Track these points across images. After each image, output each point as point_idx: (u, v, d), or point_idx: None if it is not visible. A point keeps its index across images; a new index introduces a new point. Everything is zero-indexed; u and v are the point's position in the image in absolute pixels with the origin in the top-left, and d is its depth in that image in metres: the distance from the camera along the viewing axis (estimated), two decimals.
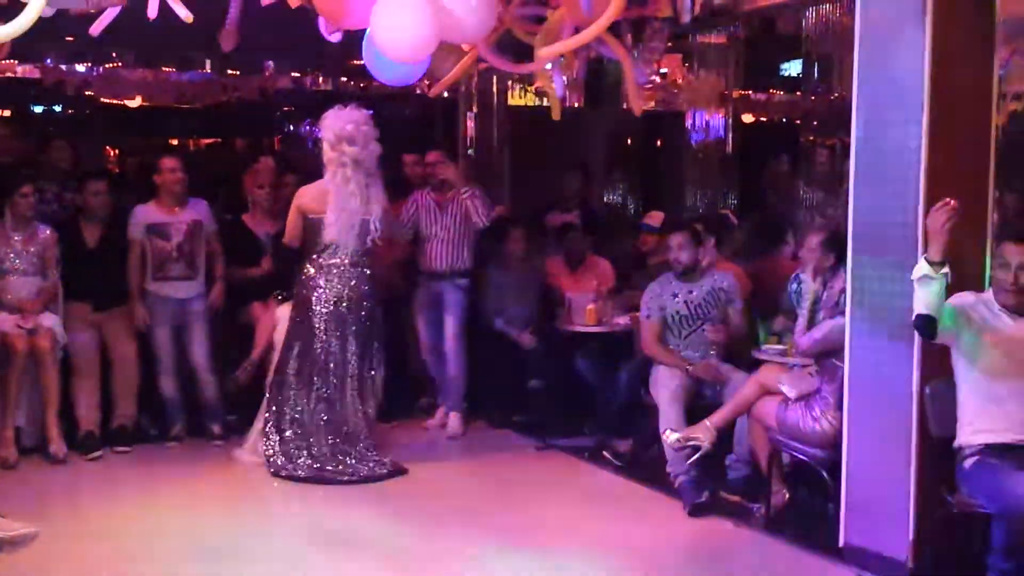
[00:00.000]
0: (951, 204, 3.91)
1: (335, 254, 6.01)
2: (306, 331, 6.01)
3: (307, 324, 6.01)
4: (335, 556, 4.79)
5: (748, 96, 9.87)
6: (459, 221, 6.89)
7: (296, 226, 6.13)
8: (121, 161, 10.09)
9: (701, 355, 5.81)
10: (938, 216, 3.93)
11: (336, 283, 6.00)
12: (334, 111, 6.02)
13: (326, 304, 5.99)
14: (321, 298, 6.00)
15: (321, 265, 6.03)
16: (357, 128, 5.97)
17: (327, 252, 6.01)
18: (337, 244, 5.98)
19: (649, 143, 9.86)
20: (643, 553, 4.80)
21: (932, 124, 4.21)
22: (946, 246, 3.92)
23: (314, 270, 6.04)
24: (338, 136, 5.94)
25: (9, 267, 6.16)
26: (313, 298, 6.00)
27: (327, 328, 5.99)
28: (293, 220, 6.14)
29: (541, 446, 6.60)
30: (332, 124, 5.97)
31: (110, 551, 4.75)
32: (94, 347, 6.42)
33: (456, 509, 5.46)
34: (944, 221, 3.91)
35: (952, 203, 3.91)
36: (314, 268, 6.04)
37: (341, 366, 6.01)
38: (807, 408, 4.93)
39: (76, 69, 8.29)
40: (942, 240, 3.93)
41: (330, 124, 5.97)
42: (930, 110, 4.21)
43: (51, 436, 6.10)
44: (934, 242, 3.95)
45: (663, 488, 5.56)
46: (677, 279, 5.89)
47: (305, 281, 6.06)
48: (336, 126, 5.95)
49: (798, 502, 5.21)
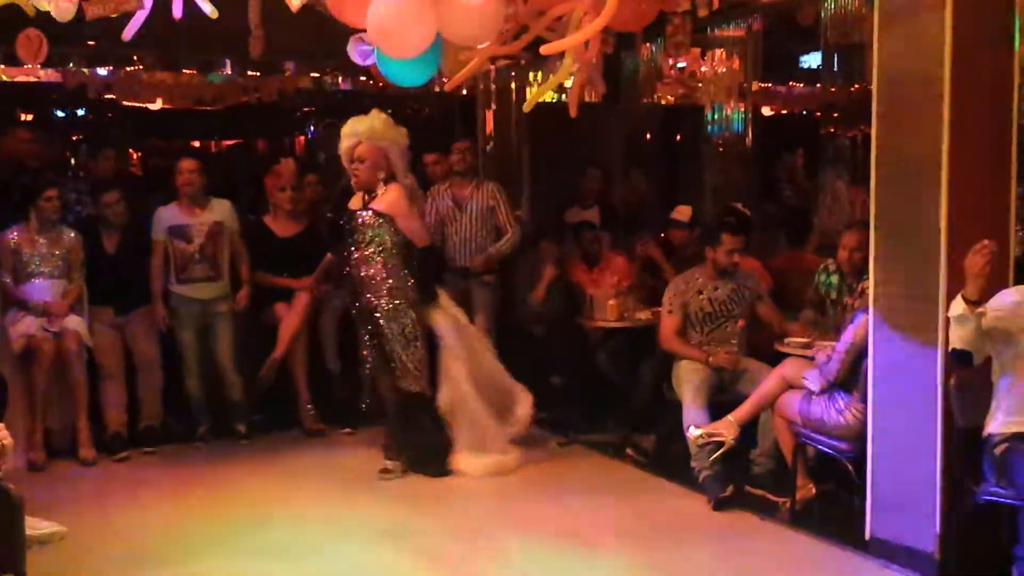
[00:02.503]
0: (989, 246, 3.88)
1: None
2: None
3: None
4: (365, 553, 4.81)
5: (767, 88, 9.82)
6: (479, 217, 6.90)
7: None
8: (143, 164, 10.15)
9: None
10: (977, 259, 3.88)
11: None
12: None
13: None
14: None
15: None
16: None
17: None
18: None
19: (668, 138, 9.83)
20: (669, 548, 4.81)
21: (953, 116, 4.19)
22: (984, 287, 3.89)
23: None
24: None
25: (34, 270, 6.22)
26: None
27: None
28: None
29: (564, 441, 6.61)
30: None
31: (137, 550, 4.80)
32: (118, 350, 6.48)
33: (483, 504, 5.48)
34: (983, 264, 3.87)
35: (990, 245, 3.88)
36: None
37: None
38: (831, 401, 4.92)
39: (98, 73, 8.34)
40: (981, 282, 3.89)
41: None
42: (951, 101, 4.19)
43: (80, 438, 6.17)
44: (972, 283, 3.90)
45: (687, 483, 5.56)
46: (706, 276, 5.87)
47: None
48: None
49: (823, 496, 5.19)
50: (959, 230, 4.19)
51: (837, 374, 4.89)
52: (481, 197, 6.94)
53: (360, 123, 5.96)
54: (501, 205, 6.95)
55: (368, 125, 5.93)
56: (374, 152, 5.86)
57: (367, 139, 5.87)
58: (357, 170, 5.87)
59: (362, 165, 5.86)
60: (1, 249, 6.21)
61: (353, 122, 6.00)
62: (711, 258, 5.82)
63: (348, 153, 5.94)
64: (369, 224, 5.84)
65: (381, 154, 5.87)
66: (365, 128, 5.92)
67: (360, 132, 5.91)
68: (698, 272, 5.93)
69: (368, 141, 5.87)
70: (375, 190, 5.88)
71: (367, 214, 5.85)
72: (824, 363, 4.98)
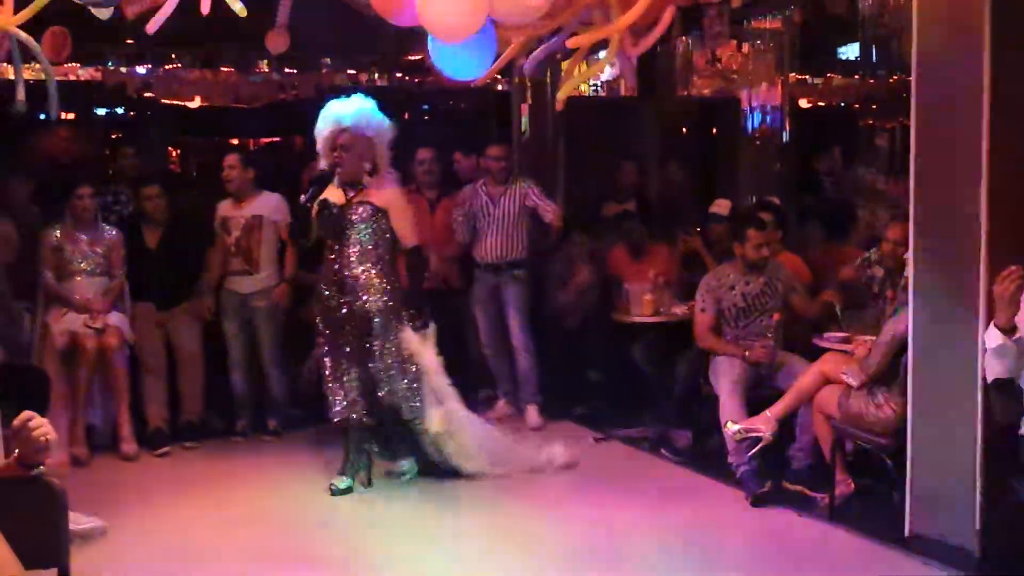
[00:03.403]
0: (1017, 271, 3.79)
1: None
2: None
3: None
4: (402, 551, 4.82)
5: (804, 80, 9.75)
6: (513, 212, 6.90)
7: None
8: (183, 161, 10.26)
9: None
10: (1007, 285, 3.80)
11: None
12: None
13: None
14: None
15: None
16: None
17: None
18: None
19: (704, 131, 9.78)
20: (706, 543, 4.80)
21: (993, 108, 4.14)
22: (1015, 313, 3.82)
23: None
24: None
25: (76, 268, 6.30)
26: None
27: None
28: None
29: (601, 437, 6.60)
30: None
31: (178, 545, 4.86)
32: (160, 345, 6.55)
33: (523, 501, 5.47)
34: (1014, 291, 3.79)
35: (1018, 270, 3.78)
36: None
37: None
38: (870, 396, 4.88)
39: (137, 71, 8.43)
40: (1012, 309, 3.82)
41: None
42: (991, 94, 4.13)
43: (122, 434, 6.24)
44: (1004, 311, 3.83)
45: (725, 478, 5.53)
46: (737, 271, 5.85)
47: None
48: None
49: (862, 491, 5.16)
50: (1000, 223, 4.14)
51: (876, 368, 4.85)
52: (515, 193, 6.93)
53: (346, 107, 5.50)
54: (536, 196, 6.92)
55: (356, 111, 5.47)
56: (361, 141, 5.44)
57: (355, 126, 5.44)
58: (340, 159, 5.43)
59: (346, 154, 5.42)
60: (43, 247, 6.29)
61: (337, 106, 5.52)
62: (739, 254, 5.80)
63: (330, 140, 5.47)
64: (365, 220, 5.43)
65: (368, 144, 5.47)
66: (352, 114, 5.47)
67: (347, 117, 5.46)
68: (729, 268, 5.90)
69: (356, 128, 5.44)
70: (359, 182, 5.48)
71: (363, 208, 5.44)
72: (863, 357, 4.94)
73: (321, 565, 4.67)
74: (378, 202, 5.44)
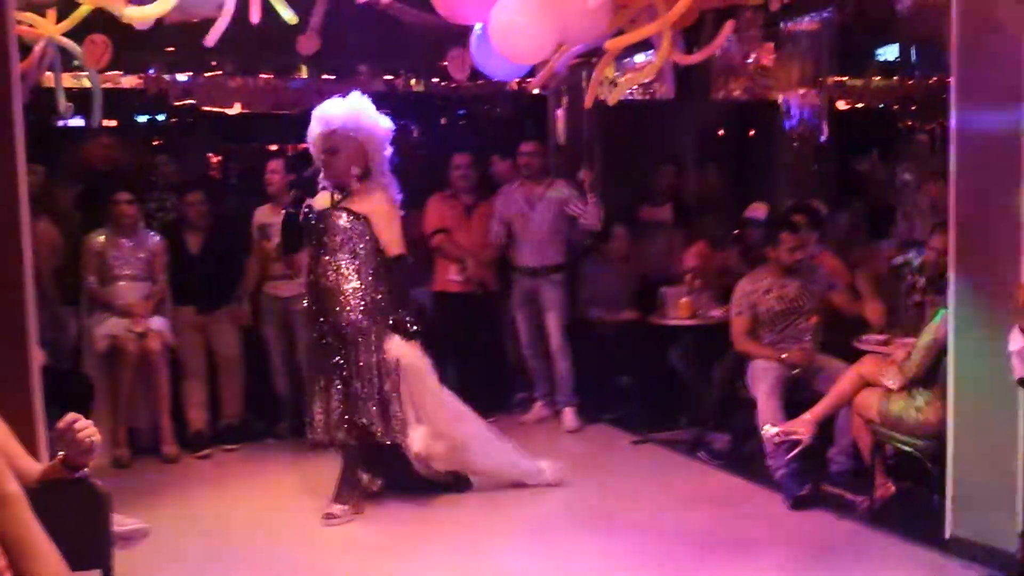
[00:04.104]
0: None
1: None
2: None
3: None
4: (446, 552, 4.85)
5: (843, 82, 9.67)
6: (551, 216, 6.91)
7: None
8: (223, 167, 10.35)
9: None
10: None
11: None
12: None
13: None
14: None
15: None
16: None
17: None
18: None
19: (742, 133, 9.73)
20: (746, 546, 4.78)
21: None
22: None
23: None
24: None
25: (119, 272, 6.40)
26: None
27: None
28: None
29: (638, 440, 6.59)
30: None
31: (219, 546, 4.92)
32: (201, 349, 6.63)
33: (564, 504, 5.47)
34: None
35: None
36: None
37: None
38: (910, 398, 4.84)
39: (178, 79, 8.52)
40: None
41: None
42: None
43: (163, 436, 6.33)
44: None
45: (763, 482, 5.51)
46: (772, 274, 5.82)
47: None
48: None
49: (902, 494, 5.11)
50: None
51: (916, 371, 4.81)
52: (553, 199, 6.94)
53: (337, 107, 5.17)
54: (572, 197, 6.91)
55: (346, 110, 5.14)
56: (351, 143, 5.12)
57: (344, 127, 5.12)
58: (328, 162, 5.15)
59: (335, 157, 5.12)
60: (87, 252, 6.39)
61: (329, 105, 5.21)
62: (773, 257, 5.77)
63: (320, 141, 5.19)
64: (344, 227, 5.10)
65: (358, 146, 5.14)
66: (342, 114, 5.14)
67: (336, 118, 5.14)
68: (764, 271, 5.88)
69: (344, 129, 5.11)
70: (347, 187, 5.17)
71: (344, 216, 5.11)
72: (903, 360, 4.91)
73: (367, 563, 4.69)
74: (358, 209, 5.10)
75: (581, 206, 6.83)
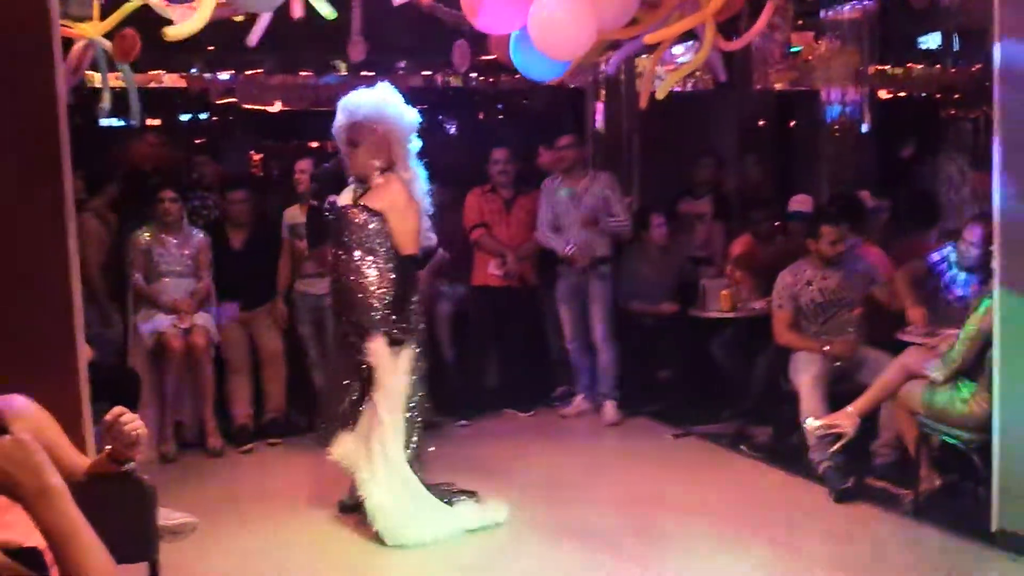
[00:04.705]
0: None
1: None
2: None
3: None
4: (492, 550, 4.84)
5: (885, 71, 9.56)
6: (594, 209, 6.91)
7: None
8: (265, 165, 10.45)
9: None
10: None
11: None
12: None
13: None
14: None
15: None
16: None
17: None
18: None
19: (783, 124, 9.65)
20: (789, 540, 4.76)
21: None
22: None
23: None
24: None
25: (165, 270, 6.48)
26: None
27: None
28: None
29: (679, 434, 6.57)
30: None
31: (264, 540, 4.97)
32: (244, 345, 6.69)
33: (609, 497, 5.46)
34: None
35: None
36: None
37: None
38: (955, 390, 4.79)
39: (219, 77, 8.60)
40: None
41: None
42: None
43: (208, 430, 6.41)
44: None
45: (806, 474, 5.48)
46: (814, 266, 5.78)
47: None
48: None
49: (948, 487, 5.07)
50: None
51: (961, 363, 4.75)
52: (595, 189, 6.94)
53: (360, 99, 4.98)
54: (614, 196, 6.94)
55: (370, 102, 4.96)
56: (373, 135, 4.93)
57: (366, 119, 4.93)
58: (351, 154, 5.00)
59: (356, 149, 4.95)
60: (133, 249, 6.48)
61: (354, 96, 5.02)
62: (814, 249, 5.73)
63: (342, 132, 5.02)
64: (361, 224, 4.91)
65: (381, 138, 4.95)
66: (365, 105, 4.96)
67: (360, 109, 4.95)
68: (805, 263, 5.83)
69: (367, 121, 4.93)
70: (369, 181, 5.00)
71: (362, 213, 4.93)
72: (947, 352, 4.85)
73: (411, 552, 4.73)
74: (376, 205, 4.91)
75: (617, 211, 6.87)
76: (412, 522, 4.83)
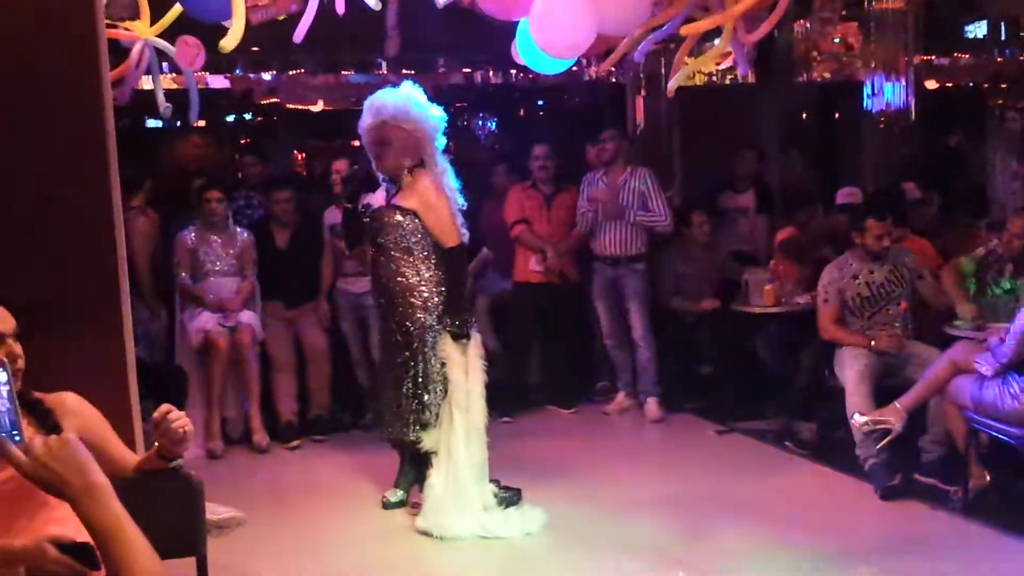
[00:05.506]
0: None
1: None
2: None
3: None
4: (541, 549, 4.84)
5: (930, 61, 9.43)
6: (632, 206, 6.89)
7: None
8: (308, 164, 10.53)
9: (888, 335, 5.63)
10: None
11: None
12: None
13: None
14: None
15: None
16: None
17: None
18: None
19: (826, 116, 9.56)
20: (836, 537, 4.72)
21: None
22: None
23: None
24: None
25: (210, 269, 6.55)
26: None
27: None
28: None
29: (722, 430, 6.54)
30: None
31: (309, 535, 5.01)
32: (289, 342, 6.75)
33: (655, 495, 5.44)
34: None
35: None
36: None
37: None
38: (1005, 385, 4.72)
39: (263, 77, 8.67)
40: None
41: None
42: None
43: (254, 427, 6.47)
44: None
45: (852, 471, 5.43)
46: (860, 260, 5.72)
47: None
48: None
49: (997, 484, 4.99)
50: None
51: (1011, 357, 4.68)
52: (635, 183, 6.93)
53: (386, 98, 5.01)
54: (652, 190, 6.91)
55: (397, 102, 4.97)
56: (402, 135, 4.94)
57: (394, 119, 4.94)
58: (379, 154, 5.02)
59: (386, 149, 4.98)
60: (179, 249, 6.56)
61: (379, 96, 5.05)
62: (860, 243, 5.67)
63: (370, 133, 5.03)
64: (395, 225, 4.95)
65: (410, 137, 4.96)
66: (393, 105, 4.97)
67: (385, 109, 4.97)
68: (851, 257, 5.77)
69: (394, 120, 4.94)
70: (399, 180, 5.02)
71: (394, 213, 4.96)
72: (997, 346, 4.78)
73: (455, 550, 4.75)
74: (407, 204, 4.94)
75: (654, 206, 6.84)
76: (463, 518, 4.87)
